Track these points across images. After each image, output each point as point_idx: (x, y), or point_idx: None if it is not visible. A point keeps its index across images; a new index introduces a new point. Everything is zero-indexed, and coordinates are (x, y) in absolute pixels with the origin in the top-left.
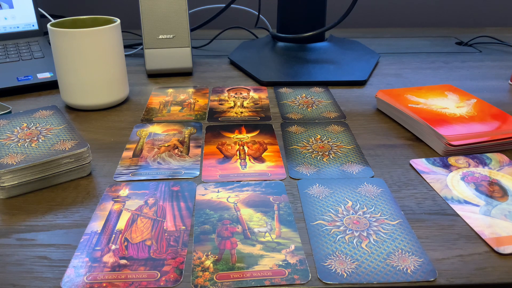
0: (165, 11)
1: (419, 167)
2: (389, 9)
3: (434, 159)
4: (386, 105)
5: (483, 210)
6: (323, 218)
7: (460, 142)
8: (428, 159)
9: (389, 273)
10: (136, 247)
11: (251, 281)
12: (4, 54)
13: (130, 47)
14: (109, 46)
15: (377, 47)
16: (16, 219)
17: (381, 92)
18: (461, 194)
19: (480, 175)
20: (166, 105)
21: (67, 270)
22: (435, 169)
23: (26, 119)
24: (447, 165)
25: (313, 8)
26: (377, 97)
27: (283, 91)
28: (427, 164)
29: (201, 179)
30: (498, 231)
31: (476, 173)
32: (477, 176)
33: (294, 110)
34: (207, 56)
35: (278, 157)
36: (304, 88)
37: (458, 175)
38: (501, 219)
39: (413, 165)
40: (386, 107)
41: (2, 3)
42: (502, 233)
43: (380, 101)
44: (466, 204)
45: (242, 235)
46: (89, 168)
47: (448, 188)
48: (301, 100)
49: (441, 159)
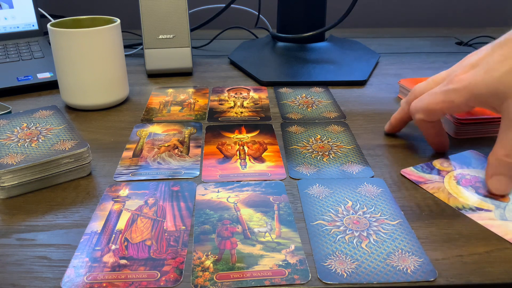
0: (165, 11)
1: (412, 177)
2: (389, 9)
3: (422, 165)
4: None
5: (497, 214)
6: (323, 218)
7: (469, 117)
8: (416, 167)
9: (389, 273)
10: (136, 247)
11: (251, 281)
12: (4, 54)
13: (130, 47)
14: (109, 46)
15: (377, 47)
16: (16, 219)
17: (404, 80)
18: (468, 201)
19: (470, 177)
20: (166, 105)
21: (67, 270)
22: (428, 177)
23: (26, 119)
24: (435, 170)
25: (313, 8)
26: (400, 83)
27: (283, 91)
28: (417, 172)
29: (201, 179)
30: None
31: (466, 174)
32: (469, 178)
33: (294, 110)
34: (207, 56)
35: (278, 157)
36: (304, 88)
37: (453, 180)
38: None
39: (406, 176)
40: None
41: (2, 3)
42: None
43: (403, 88)
44: (479, 211)
45: (242, 235)
46: (89, 168)
47: (453, 197)
48: (301, 100)
49: (427, 165)
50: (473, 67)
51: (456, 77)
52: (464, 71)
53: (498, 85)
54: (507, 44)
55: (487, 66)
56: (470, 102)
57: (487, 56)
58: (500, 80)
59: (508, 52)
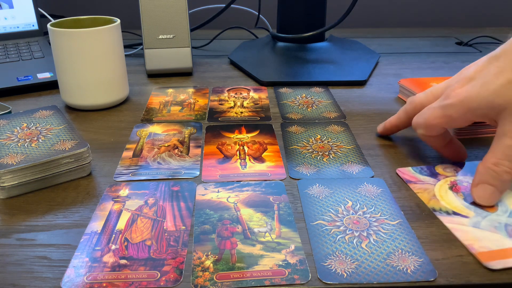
0: (165, 11)
1: (405, 176)
2: (389, 9)
3: (421, 167)
4: (409, 91)
5: (472, 222)
6: (323, 218)
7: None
8: (415, 168)
9: (389, 273)
10: (136, 247)
11: (251, 281)
12: (4, 54)
13: (130, 47)
14: (109, 46)
15: (377, 47)
16: (16, 219)
17: (404, 80)
18: (449, 204)
19: (468, 184)
20: (166, 105)
21: (67, 270)
22: (422, 178)
23: (26, 119)
24: (435, 174)
25: (313, 8)
26: (400, 83)
27: (283, 91)
28: (414, 173)
29: (201, 179)
30: (488, 245)
31: (465, 181)
32: (465, 185)
33: (294, 110)
34: (207, 56)
35: (278, 157)
36: (304, 88)
37: (446, 185)
38: (491, 231)
39: (399, 174)
40: (408, 94)
41: (2, 3)
42: (492, 246)
43: (403, 88)
44: (454, 216)
45: (242, 235)
46: (89, 168)
47: (436, 199)
48: (301, 100)
49: (428, 168)
50: (470, 80)
51: (453, 91)
52: (461, 84)
53: (494, 98)
54: (503, 56)
55: (483, 80)
56: (468, 116)
57: (483, 68)
58: (496, 93)
59: (505, 65)
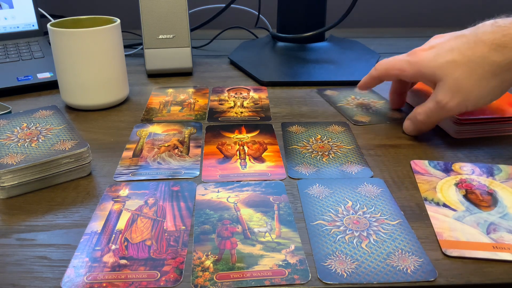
0: (165, 11)
1: (417, 168)
2: (389, 9)
3: (438, 162)
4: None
5: (457, 215)
6: (323, 218)
7: (469, 117)
8: (431, 162)
9: (389, 273)
10: (136, 247)
11: (251, 281)
12: (4, 54)
13: (130, 47)
14: (109, 46)
15: (377, 47)
16: (16, 219)
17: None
18: (444, 197)
19: (478, 184)
20: (166, 105)
21: (67, 270)
22: (433, 172)
23: (26, 119)
24: (449, 170)
25: (313, 8)
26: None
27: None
28: (427, 166)
29: (201, 179)
30: (458, 236)
31: (475, 181)
32: (474, 184)
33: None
34: (207, 56)
35: (278, 157)
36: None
37: (453, 180)
38: (471, 226)
39: (412, 165)
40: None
41: (2, 3)
42: (461, 238)
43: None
44: (442, 207)
45: (242, 235)
46: (89, 168)
47: (433, 190)
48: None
49: (445, 164)
50: (431, 48)
51: (417, 52)
52: (424, 49)
53: (436, 70)
54: (461, 37)
55: (438, 51)
56: (416, 76)
57: (445, 42)
58: (440, 66)
59: (457, 45)
